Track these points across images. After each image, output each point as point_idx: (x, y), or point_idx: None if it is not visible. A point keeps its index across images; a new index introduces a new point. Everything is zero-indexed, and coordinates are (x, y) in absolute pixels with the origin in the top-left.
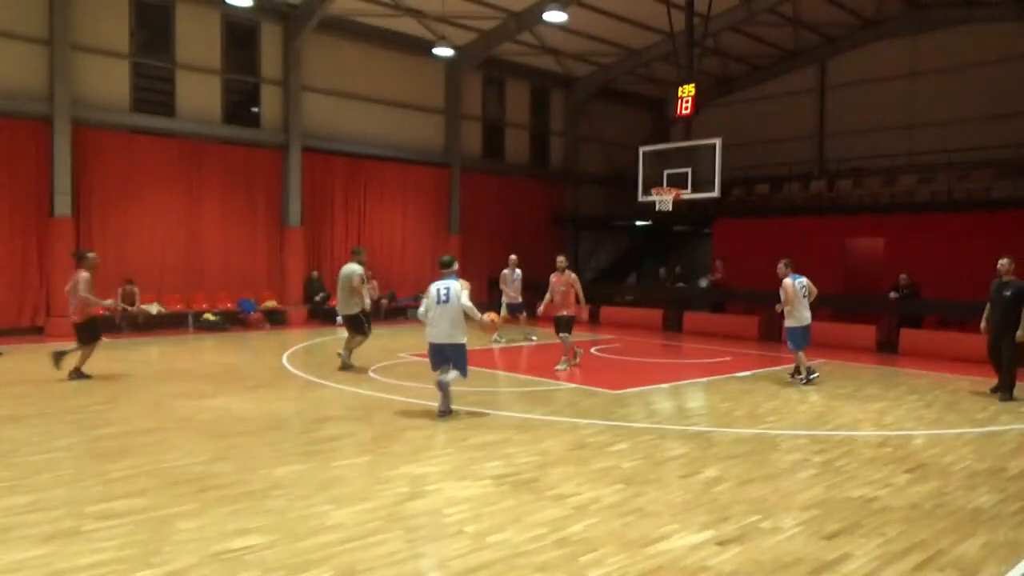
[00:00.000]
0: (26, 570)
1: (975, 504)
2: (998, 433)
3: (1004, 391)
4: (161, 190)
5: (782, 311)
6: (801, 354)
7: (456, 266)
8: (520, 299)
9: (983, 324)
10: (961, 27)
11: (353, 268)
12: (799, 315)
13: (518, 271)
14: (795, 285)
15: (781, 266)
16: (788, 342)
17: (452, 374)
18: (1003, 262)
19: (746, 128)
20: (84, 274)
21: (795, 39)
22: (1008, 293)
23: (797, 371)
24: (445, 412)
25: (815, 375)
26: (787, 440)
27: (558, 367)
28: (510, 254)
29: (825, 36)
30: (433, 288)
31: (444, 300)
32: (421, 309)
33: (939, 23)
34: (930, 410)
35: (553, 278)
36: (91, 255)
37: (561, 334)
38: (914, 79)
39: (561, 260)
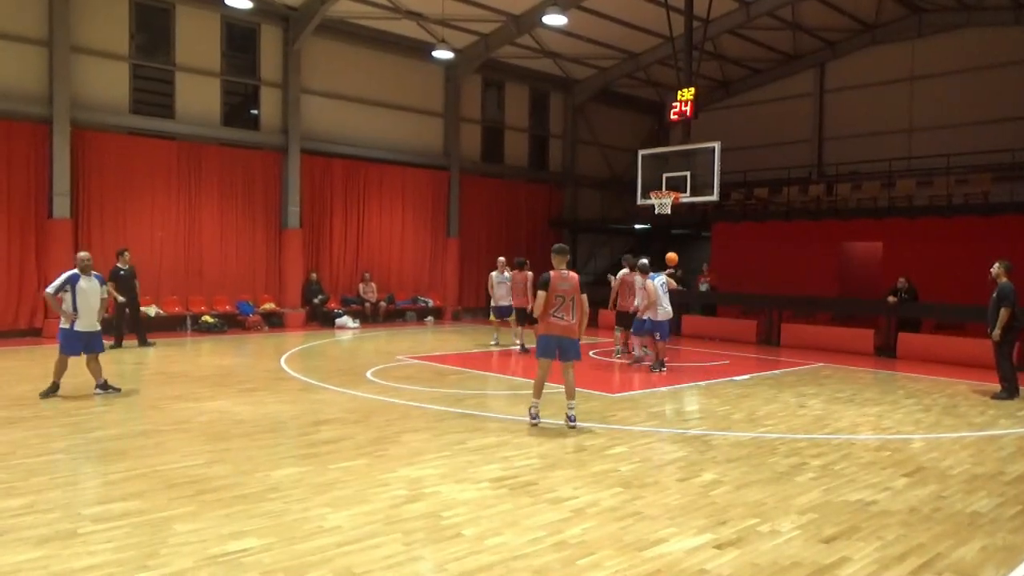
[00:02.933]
0: (22, 573)
1: (973, 508)
2: (996, 437)
3: (1006, 392)
4: (160, 192)
5: (635, 309)
6: (662, 344)
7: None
8: (509, 302)
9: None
10: (960, 31)
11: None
12: (664, 310)
13: (507, 273)
14: (655, 284)
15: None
16: (656, 333)
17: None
18: (993, 267)
19: (745, 132)
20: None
21: (794, 43)
22: (993, 295)
23: (642, 358)
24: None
25: (664, 369)
26: (785, 444)
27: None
28: (514, 257)
29: (824, 40)
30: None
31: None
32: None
33: (938, 27)
34: (928, 414)
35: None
36: (81, 255)
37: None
38: (913, 83)
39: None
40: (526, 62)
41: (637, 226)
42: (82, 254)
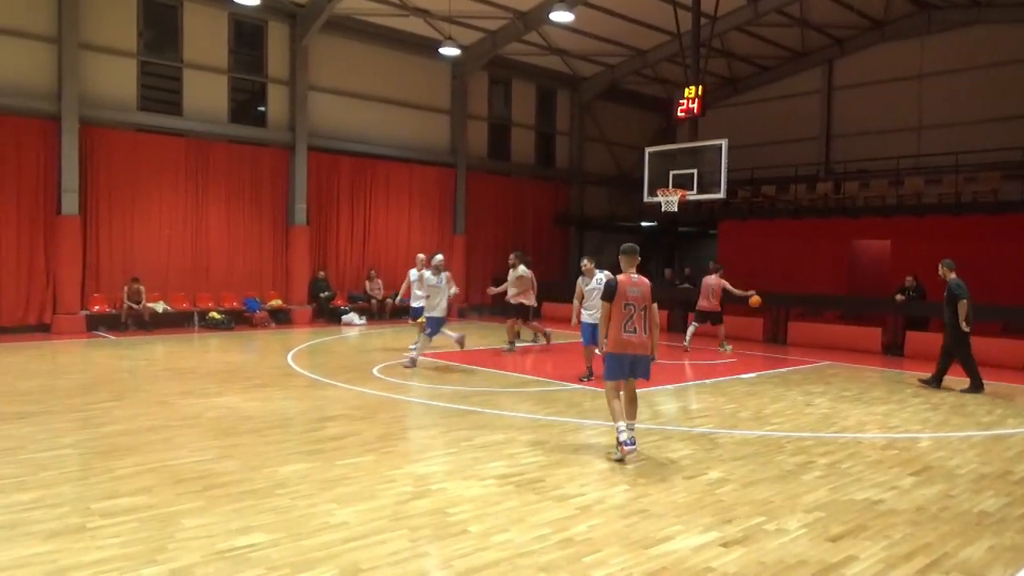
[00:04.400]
0: (31, 566)
1: (981, 507)
2: (1004, 437)
3: (973, 387)
4: (167, 188)
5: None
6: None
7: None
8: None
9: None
10: (970, 28)
11: None
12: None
13: (427, 272)
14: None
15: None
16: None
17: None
18: (940, 268)
19: (753, 129)
20: None
21: (802, 40)
22: (945, 293)
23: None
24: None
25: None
26: (792, 442)
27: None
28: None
29: (833, 37)
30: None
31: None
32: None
33: (948, 24)
34: (936, 413)
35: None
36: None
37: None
38: (922, 80)
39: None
40: (533, 59)
41: (644, 224)
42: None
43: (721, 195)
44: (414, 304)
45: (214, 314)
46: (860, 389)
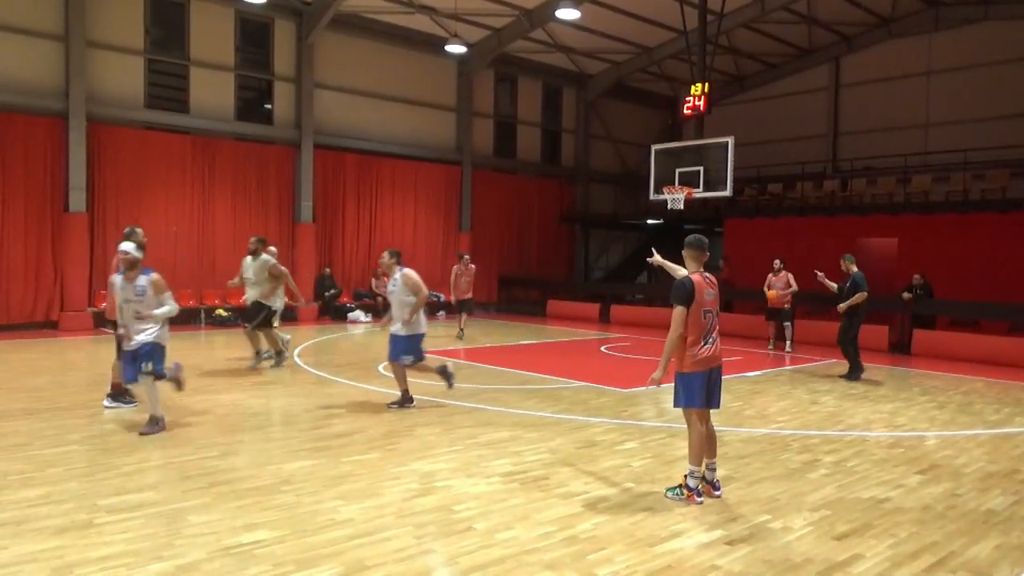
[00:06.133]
0: (39, 562)
1: (988, 506)
2: (1012, 435)
3: (854, 373)
4: (174, 186)
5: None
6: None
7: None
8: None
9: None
10: (978, 25)
11: None
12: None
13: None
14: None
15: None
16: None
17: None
18: (842, 262)
19: (759, 127)
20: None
21: (809, 37)
22: (847, 285)
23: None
24: None
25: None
26: (798, 440)
27: None
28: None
29: (840, 34)
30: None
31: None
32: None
33: (955, 21)
34: (943, 411)
35: None
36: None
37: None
38: (929, 77)
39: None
40: (539, 57)
41: (649, 221)
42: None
43: (727, 193)
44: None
45: (220, 311)
46: (866, 387)
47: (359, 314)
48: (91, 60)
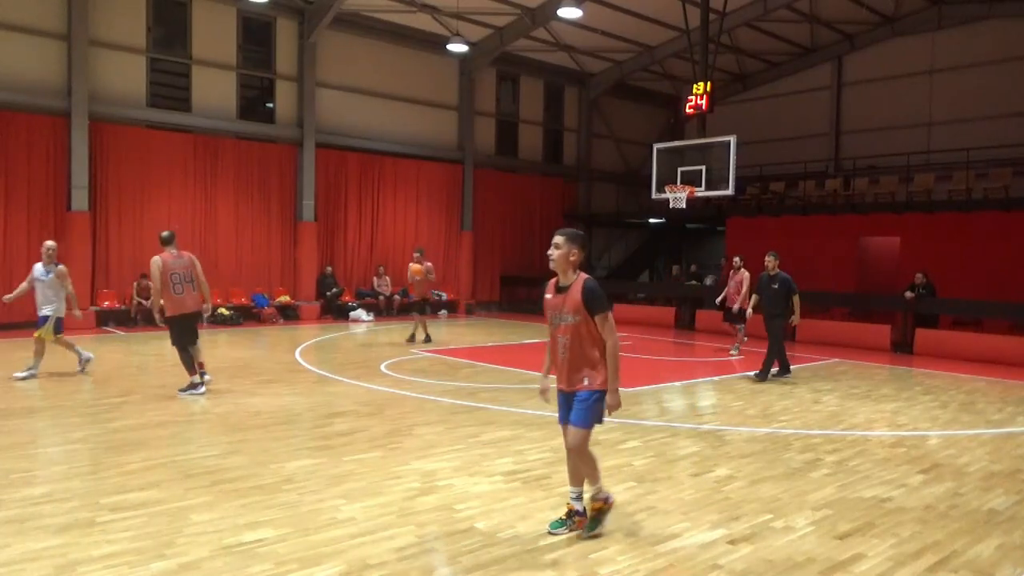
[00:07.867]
0: (41, 560)
1: (990, 506)
2: (1014, 435)
3: (764, 372)
4: (176, 185)
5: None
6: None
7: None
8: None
9: (750, 308)
10: (981, 23)
11: None
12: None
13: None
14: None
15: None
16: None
17: None
18: (768, 259)
19: (761, 125)
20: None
21: (812, 35)
22: (776, 285)
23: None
24: None
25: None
26: (800, 439)
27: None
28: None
29: (842, 33)
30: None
31: None
32: None
33: (959, 19)
34: (945, 410)
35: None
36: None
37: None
38: (932, 76)
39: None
40: (541, 55)
41: (652, 220)
42: None
43: (730, 192)
44: (43, 311)
45: (223, 310)
46: (869, 387)
47: (361, 313)
48: (94, 59)
